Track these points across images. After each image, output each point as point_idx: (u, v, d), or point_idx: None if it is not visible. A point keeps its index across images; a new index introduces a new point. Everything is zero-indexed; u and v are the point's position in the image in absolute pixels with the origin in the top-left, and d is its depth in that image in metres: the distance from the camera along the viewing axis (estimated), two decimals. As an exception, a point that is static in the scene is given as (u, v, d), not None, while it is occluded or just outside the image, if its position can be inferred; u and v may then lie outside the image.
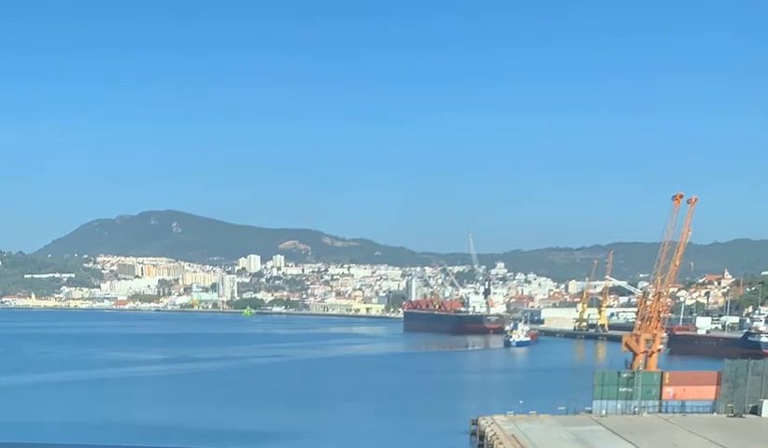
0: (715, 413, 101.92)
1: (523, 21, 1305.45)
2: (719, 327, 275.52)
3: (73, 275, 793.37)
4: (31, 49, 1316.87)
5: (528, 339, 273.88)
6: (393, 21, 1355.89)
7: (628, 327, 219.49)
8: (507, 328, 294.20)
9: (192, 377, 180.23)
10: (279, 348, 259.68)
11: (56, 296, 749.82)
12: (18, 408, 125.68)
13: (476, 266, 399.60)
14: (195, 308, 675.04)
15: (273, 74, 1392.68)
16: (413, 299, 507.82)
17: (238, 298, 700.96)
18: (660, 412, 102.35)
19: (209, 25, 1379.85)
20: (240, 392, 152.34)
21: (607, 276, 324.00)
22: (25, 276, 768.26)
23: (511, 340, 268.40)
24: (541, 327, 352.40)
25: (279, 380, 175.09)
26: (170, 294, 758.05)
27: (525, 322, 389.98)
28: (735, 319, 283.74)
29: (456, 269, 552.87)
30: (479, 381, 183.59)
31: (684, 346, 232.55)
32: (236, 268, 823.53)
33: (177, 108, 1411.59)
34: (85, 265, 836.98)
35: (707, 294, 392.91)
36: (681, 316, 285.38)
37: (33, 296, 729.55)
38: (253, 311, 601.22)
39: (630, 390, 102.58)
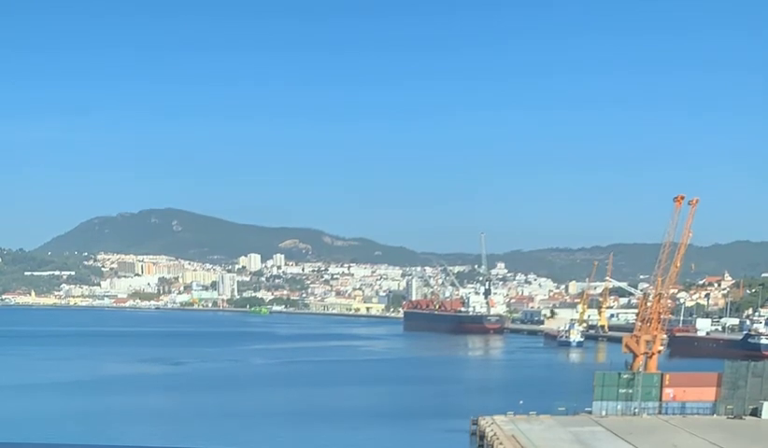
0: (715, 415, 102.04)
1: (526, 19, 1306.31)
2: (719, 328, 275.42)
3: (73, 273, 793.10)
4: (33, 47, 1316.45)
5: (582, 339, 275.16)
6: (389, 19, 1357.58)
7: (628, 328, 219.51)
8: (562, 328, 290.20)
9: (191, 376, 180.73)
10: (279, 347, 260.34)
11: (56, 293, 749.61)
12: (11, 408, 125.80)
13: (483, 267, 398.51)
14: (195, 306, 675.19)
15: (274, 73, 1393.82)
16: (413, 298, 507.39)
17: (238, 296, 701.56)
18: (660, 413, 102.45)
19: (213, 23, 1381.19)
20: (239, 389, 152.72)
21: (607, 277, 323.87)
22: (25, 273, 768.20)
23: (571, 340, 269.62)
24: (541, 327, 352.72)
25: (278, 379, 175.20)
26: (170, 292, 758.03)
27: (525, 322, 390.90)
28: (735, 321, 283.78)
29: (456, 269, 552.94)
30: (481, 381, 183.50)
31: (684, 348, 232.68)
32: (236, 267, 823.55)
33: (179, 107, 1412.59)
34: (85, 263, 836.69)
35: (707, 296, 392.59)
36: (681, 318, 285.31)
37: (33, 293, 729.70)
38: (268, 310, 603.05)
39: (630, 391, 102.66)
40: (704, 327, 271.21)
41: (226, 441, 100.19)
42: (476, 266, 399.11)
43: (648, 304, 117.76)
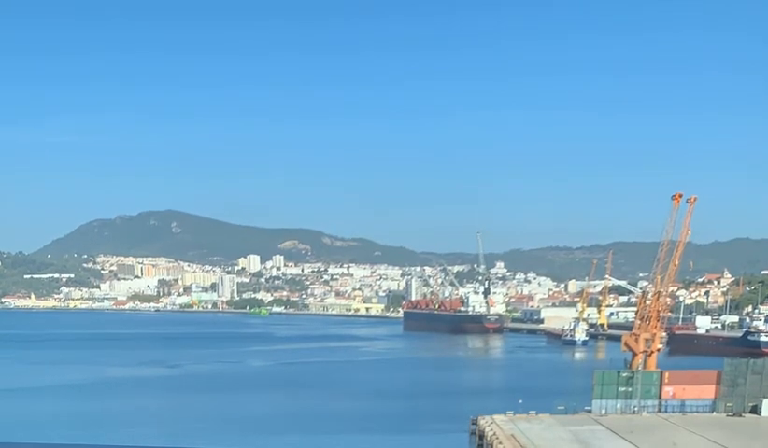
0: (714, 413, 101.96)
1: (526, 19, 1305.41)
2: (719, 326, 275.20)
3: (72, 276, 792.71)
4: (31, 49, 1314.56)
5: (587, 338, 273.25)
6: (389, 19, 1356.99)
7: (627, 326, 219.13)
8: (567, 327, 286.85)
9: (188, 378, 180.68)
10: (279, 348, 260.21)
11: (56, 296, 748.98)
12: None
13: (481, 266, 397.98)
14: (195, 308, 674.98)
15: (272, 73, 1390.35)
16: (413, 298, 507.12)
17: (238, 298, 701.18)
18: (659, 411, 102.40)
19: (212, 24, 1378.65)
20: (238, 391, 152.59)
21: (607, 276, 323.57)
22: (25, 276, 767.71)
23: (577, 339, 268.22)
24: (541, 326, 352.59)
25: (277, 381, 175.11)
26: (170, 294, 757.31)
27: (525, 321, 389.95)
28: (735, 318, 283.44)
29: (456, 268, 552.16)
30: (480, 380, 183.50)
31: (683, 346, 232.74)
32: (236, 268, 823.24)
33: (177, 108, 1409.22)
34: (84, 265, 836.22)
35: (707, 293, 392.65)
36: (681, 316, 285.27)
37: (32, 296, 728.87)
38: (268, 311, 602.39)
39: (629, 390, 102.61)
40: (703, 324, 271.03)
41: (224, 444, 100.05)
42: (475, 265, 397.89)
43: (647, 302, 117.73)
